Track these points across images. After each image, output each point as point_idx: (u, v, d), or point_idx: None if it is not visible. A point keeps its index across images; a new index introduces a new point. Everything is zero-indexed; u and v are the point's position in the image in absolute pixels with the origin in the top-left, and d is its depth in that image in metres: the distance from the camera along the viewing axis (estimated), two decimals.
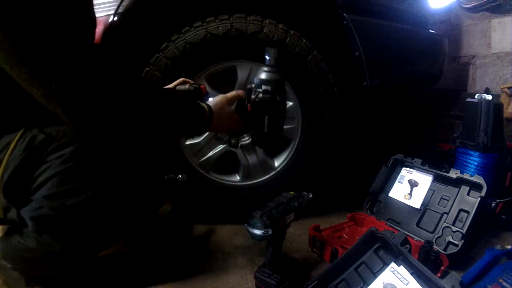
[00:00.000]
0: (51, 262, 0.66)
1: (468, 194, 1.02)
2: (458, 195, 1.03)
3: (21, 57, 0.47)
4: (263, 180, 1.21)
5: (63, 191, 0.59)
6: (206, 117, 0.71)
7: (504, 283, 0.76)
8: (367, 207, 1.22)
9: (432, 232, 1.02)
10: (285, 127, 1.17)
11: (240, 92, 0.82)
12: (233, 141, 1.18)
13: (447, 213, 1.02)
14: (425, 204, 1.09)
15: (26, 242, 0.62)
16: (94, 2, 0.62)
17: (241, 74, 1.13)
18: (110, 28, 1.04)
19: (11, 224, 0.63)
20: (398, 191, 1.18)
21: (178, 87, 0.92)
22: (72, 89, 0.50)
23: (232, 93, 0.81)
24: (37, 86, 0.49)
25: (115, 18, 1.04)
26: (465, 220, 0.97)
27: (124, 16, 1.05)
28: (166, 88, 0.90)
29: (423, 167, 1.16)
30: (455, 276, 0.87)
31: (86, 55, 0.52)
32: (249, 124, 0.82)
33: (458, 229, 0.96)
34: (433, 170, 1.13)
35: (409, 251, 0.82)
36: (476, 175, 1.02)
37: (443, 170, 1.10)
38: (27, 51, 0.47)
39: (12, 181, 0.58)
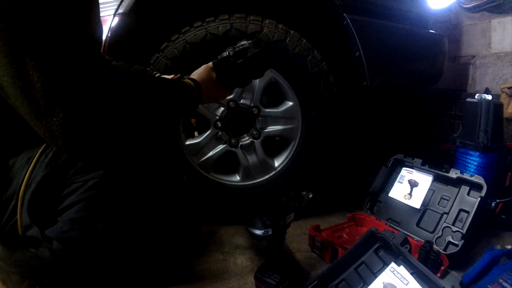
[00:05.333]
0: (62, 270, 0.66)
1: (468, 194, 1.02)
2: (458, 195, 1.03)
3: (25, 87, 0.44)
4: (263, 180, 1.21)
5: (92, 214, 0.60)
6: (195, 93, 0.70)
7: (504, 283, 0.76)
8: (367, 207, 1.22)
9: (432, 232, 1.01)
10: (285, 127, 1.19)
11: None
12: (233, 141, 1.18)
13: (447, 213, 1.02)
14: (425, 204, 1.09)
15: (38, 252, 0.62)
16: None
17: None
18: (110, 28, 1.04)
19: (29, 240, 0.63)
20: (398, 191, 1.18)
21: None
22: (79, 121, 0.48)
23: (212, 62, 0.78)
24: (40, 117, 0.46)
25: (115, 18, 1.04)
26: (465, 220, 0.97)
27: (124, 16, 1.05)
28: (154, 76, 0.90)
29: (423, 167, 1.16)
30: (455, 276, 0.87)
31: (90, 81, 0.50)
32: (228, 75, 0.77)
33: (458, 229, 0.96)
34: (433, 170, 1.13)
35: (409, 251, 0.82)
36: (476, 175, 1.02)
37: (443, 170, 1.10)
38: (31, 80, 0.44)
39: (37, 200, 0.57)
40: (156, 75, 0.96)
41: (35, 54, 0.44)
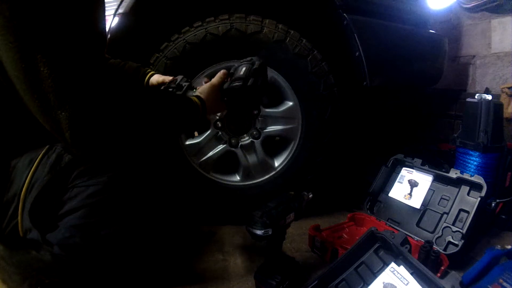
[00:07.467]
0: (63, 272, 0.66)
1: (468, 194, 1.02)
2: (458, 195, 1.03)
3: (36, 82, 0.45)
4: (263, 180, 1.21)
5: (94, 222, 0.60)
6: (200, 111, 0.73)
7: (504, 283, 0.76)
8: (367, 207, 1.22)
9: (432, 232, 1.01)
10: (285, 127, 1.19)
11: (222, 74, 0.81)
12: (233, 141, 1.18)
13: (447, 213, 1.02)
14: (425, 204, 1.09)
15: (39, 255, 0.62)
16: None
17: None
18: (110, 28, 1.04)
19: (30, 242, 0.63)
20: (398, 191, 1.18)
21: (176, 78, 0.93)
22: (86, 115, 0.49)
23: (217, 79, 0.80)
24: (49, 111, 0.47)
25: (115, 18, 1.04)
26: (465, 220, 0.97)
27: (124, 16, 1.05)
28: (162, 89, 0.91)
29: (423, 167, 1.16)
30: (455, 276, 0.87)
31: (99, 77, 0.51)
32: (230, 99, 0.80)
33: (458, 229, 0.96)
34: (433, 170, 1.13)
35: (409, 251, 0.82)
36: (476, 175, 1.02)
37: (443, 170, 1.10)
38: (42, 76, 0.45)
39: (38, 204, 0.57)
40: (149, 73, 0.99)
41: (46, 51, 0.45)
